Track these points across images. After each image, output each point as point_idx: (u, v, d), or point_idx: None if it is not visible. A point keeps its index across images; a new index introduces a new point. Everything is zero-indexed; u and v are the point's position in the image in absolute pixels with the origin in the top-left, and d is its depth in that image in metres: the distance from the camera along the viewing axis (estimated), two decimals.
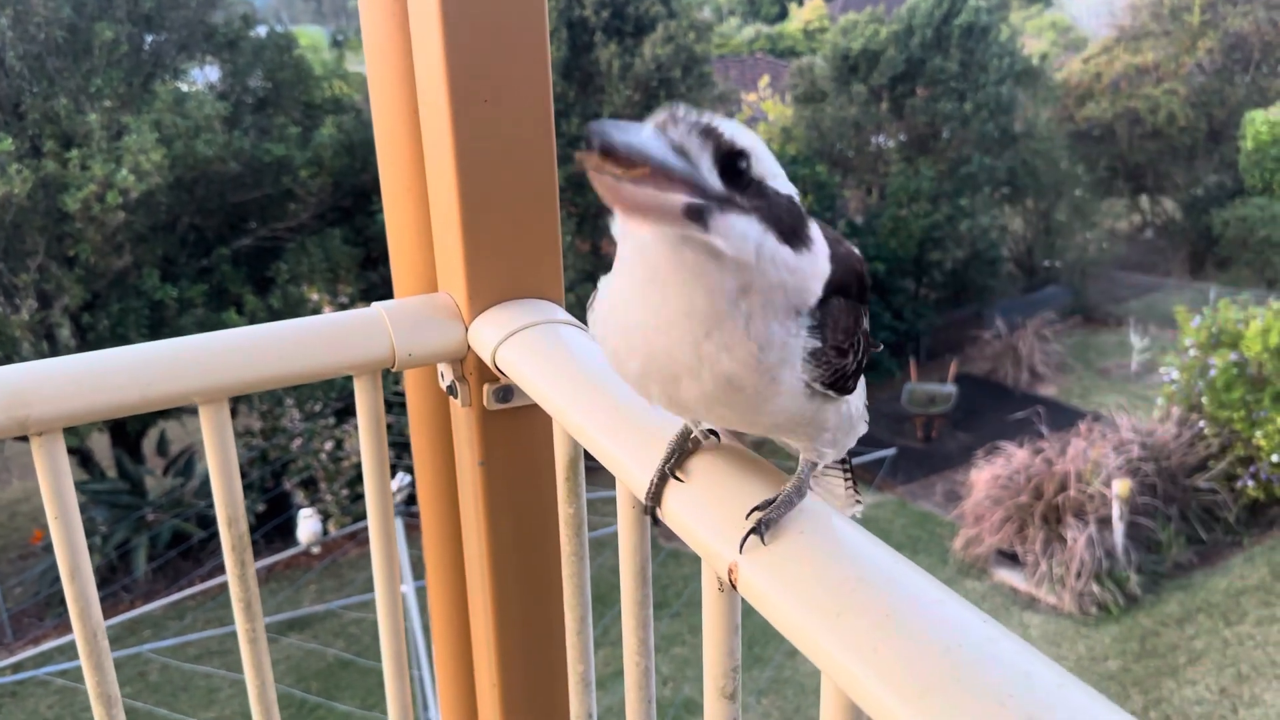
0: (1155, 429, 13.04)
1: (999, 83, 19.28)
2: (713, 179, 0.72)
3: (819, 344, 0.78)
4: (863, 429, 0.95)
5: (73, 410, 1.13)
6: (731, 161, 0.73)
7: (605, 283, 0.85)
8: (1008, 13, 24.99)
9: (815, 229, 0.80)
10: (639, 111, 17.04)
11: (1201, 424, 12.93)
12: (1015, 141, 19.85)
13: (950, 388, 16.64)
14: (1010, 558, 12.28)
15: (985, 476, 12.68)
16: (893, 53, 19.45)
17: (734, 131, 0.74)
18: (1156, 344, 17.70)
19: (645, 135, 0.69)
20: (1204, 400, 12.97)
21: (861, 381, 0.92)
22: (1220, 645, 10.74)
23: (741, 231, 0.73)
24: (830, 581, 0.75)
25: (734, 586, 0.82)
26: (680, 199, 0.69)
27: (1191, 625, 11.16)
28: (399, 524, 11.19)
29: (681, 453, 0.93)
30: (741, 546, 0.81)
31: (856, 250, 0.86)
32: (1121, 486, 11.75)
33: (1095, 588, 11.49)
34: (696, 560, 0.89)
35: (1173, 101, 21.55)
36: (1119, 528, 11.77)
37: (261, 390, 1.13)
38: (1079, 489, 11.99)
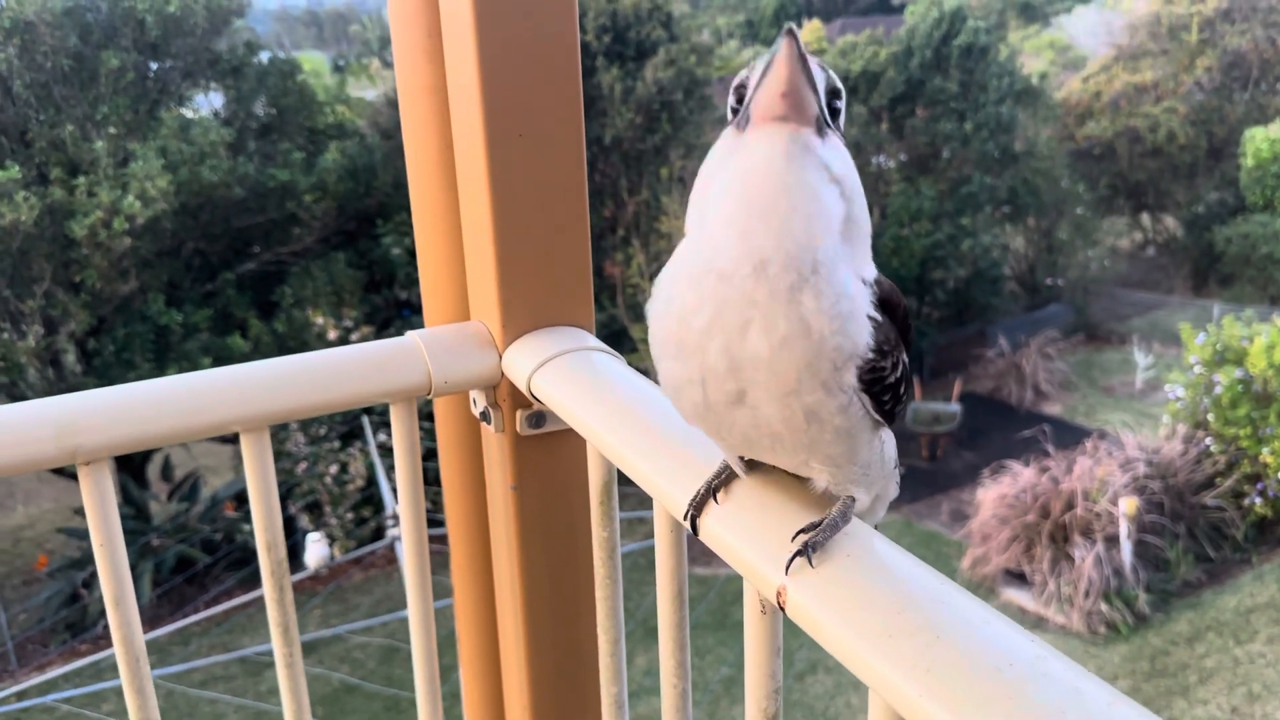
0: (1161, 447, 13.03)
1: (999, 102, 19.39)
2: (824, 109, 0.76)
3: (876, 309, 0.78)
4: (894, 491, 0.95)
5: (121, 439, 1.15)
6: (832, 99, 0.77)
7: (664, 273, 0.82)
8: (1006, 32, 25.15)
9: None
10: (640, 134, 17.11)
11: (1208, 441, 12.91)
12: (1016, 160, 19.94)
13: (954, 406, 16.64)
14: (1018, 577, 12.24)
15: (992, 495, 12.66)
16: (892, 74, 19.57)
17: (834, 74, 0.78)
18: (1161, 361, 17.71)
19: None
20: (1210, 417, 12.95)
21: (893, 440, 0.91)
22: (1231, 664, 10.69)
23: (846, 157, 0.77)
24: (879, 603, 0.76)
25: (782, 609, 0.83)
26: (815, 105, 0.73)
27: (1201, 644, 11.10)
28: (399, 548, 11.16)
29: (728, 475, 0.94)
30: (788, 568, 0.82)
31: None
32: (1129, 505, 11.72)
33: (1104, 607, 11.45)
34: (696, 580, 0.89)
35: (1172, 119, 21.66)
36: (1127, 546, 11.73)
37: (302, 418, 1.16)
38: (1086, 507, 11.96)
